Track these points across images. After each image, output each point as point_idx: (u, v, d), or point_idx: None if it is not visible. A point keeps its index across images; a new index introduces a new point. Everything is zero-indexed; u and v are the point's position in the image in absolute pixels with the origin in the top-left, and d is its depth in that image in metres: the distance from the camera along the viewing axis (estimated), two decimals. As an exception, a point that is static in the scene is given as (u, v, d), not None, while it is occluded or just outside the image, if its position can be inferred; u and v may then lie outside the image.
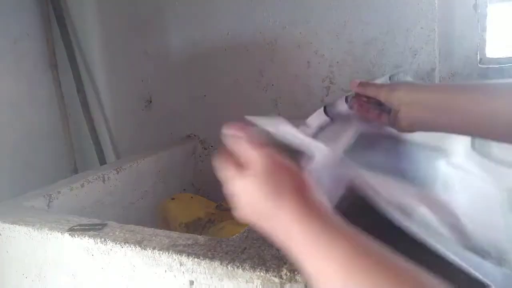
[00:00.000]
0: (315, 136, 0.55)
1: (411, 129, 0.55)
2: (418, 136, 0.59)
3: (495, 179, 0.52)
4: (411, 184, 0.47)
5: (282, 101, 1.03)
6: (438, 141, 0.58)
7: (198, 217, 0.88)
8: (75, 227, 0.56)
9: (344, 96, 0.62)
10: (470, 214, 0.43)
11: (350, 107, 0.61)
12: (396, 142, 0.57)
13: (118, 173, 0.89)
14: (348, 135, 0.55)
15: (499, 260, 0.35)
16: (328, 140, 0.53)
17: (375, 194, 0.41)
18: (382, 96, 0.56)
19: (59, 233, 0.55)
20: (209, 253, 0.46)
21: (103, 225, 0.56)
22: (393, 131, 0.60)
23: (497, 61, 0.85)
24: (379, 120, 0.61)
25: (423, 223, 0.39)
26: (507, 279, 0.32)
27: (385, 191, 0.43)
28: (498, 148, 0.61)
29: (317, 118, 0.58)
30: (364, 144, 0.54)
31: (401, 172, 0.50)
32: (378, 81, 0.65)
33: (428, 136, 0.59)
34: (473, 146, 0.59)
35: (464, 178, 0.50)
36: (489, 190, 0.49)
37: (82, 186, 0.80)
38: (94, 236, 0.52)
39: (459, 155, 0.55)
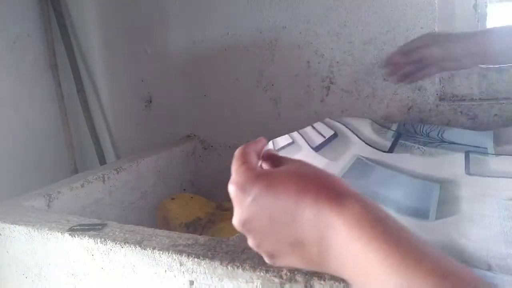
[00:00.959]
0: (320, 147, 0.57)
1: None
2: (411, 166, 0.61)
3: (493, 190, 0.52)
4: (404, 213, 0.48)
5: (282, 101, 1.03)
6: (432, 170, 0.60)
7: (198, 217, 0.88)
8: (75, 227, 0.56)
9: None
10: (470, 231, 0.42)
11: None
12: (389, 171, 0.58)
13: (118, 173, 0.89)
14: (345, 159, 0.56)
15: (500, 268, 0.35)
16: (328, 158, 0.54)
17: None
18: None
19: (59, 233, 0.55)
20: (209, 253, 0.45)
21: (103, 225, 0.56)
22: (388, 158, 0.62)
23: (497, 61, 0.85)
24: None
25: None
26: (510, 283, 0.32)
27: None
28: (494, 164, 0.62)
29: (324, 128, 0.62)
30: (358, 171, 0.56)
31: (394, 201, 0.51)
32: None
33: (421, 167, 0.61)
34: (467, 171, 0.60)
35: (460, 201, 0.50)
36: (487, 203, 0.49)
37: (82, 186, 0.80)
38: (94, 236, 0.52)
39: (452, 183, 0.56)
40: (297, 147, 0.51)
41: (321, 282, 0.40)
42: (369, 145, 0.68)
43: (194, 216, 0.89)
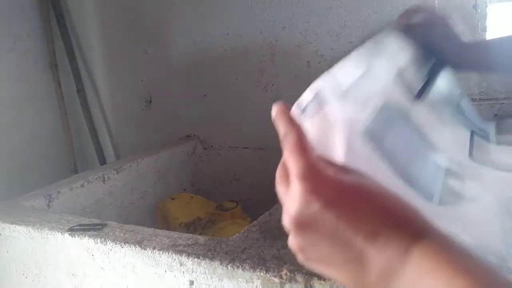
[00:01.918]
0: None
1: None
2: (427, 128, 0.57)
3: (494, 185, 0.52)
4: (413, 187, 0.46)
5: (282, 101, 1.03)
6: (442, 140, 0.58)
7: (198, 217, 0.88)
8: (75, 227, 0.56)
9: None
10: (470, 227, 0.42)
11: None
12: (407, 131, 0.54)
13: (118, 173, 0.89)
14: (371, 106, 0.52)
15: (499, 267, 0.34)
16: (355, 105, 0.50)
17: None
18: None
19: (59, 233, 0.55)
20: (209, 253, 0.45)
21: (103, 225, 0.56)
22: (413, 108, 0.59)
23: (497, 61, 0.85)
24: None
25: None
26: None
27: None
28: (495, 153, 0.61)
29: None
30: (380, 125, 0.50)
31: (407, 171, 0.48)
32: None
33: (436, 132, 0.58)
34: (470, 155, 0.59)
35: (462, 190, 0.50)
36: (487, 197, 0.48)
37: (82, 186, 0.80)
38: (94, 236, 0.52)
39: (457, 165, 0.55)
40: (320, 102, 0.46)
41: (321, 282, 0.40)
42: (401, 83, 0.60)
43: (194, 216, 0.89)
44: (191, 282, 0.45)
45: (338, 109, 0.46)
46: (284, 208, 0.28)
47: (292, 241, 0.28)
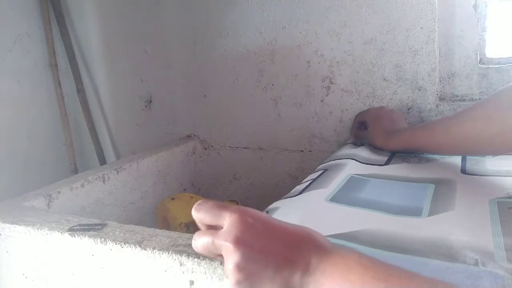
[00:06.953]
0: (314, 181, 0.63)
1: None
2: (406, 173, 0.64)
3: (485, 188, 0.54)
4: (396, 213, 0.49)
5: (282, 101, 1.03)
6: (427, 173, 0.62)
7: (198, 217, 0.88)
8: (75, 227, 0.56)
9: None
10: (460, 228, 0.43)
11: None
12: (384, 181, 0.61)
13: (118, 173, 0.89)
14: (337, 181, 0.61)
15: (486, 264, 0.35)
16: (317, 189, 0.58)
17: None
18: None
19: (59, 233, 0.55)
20: (209, 253, 0.45)
21: (103, 225, 0.56)
22: (384, 171, 0.66)
23: (497, 61, 0.85)
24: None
25: (410, 247, 0.40)
26: (495, 278, 0.32)
27: (371, 225, 0.45)
28: (491, 164, 0.63)
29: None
30: (352, 186, 0.59)
31: (386, 204, 0.52)
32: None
33: (417, 172, 0.63)
34: (463, 171, 0.62)
35: (454, 199, 0.51)
36: (480, 201, 0.50)
37: (82, 186, 0.80)
38: (94, 236, 0.52)
39: (447, 182, 0.57)
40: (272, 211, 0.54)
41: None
42: (364, 163, 0.71)
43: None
44: (191, 282, 0.45)
45: (294, 202, 0.55)
46: (222, 239, 0.35)
47: (235, 260, 0.34)
